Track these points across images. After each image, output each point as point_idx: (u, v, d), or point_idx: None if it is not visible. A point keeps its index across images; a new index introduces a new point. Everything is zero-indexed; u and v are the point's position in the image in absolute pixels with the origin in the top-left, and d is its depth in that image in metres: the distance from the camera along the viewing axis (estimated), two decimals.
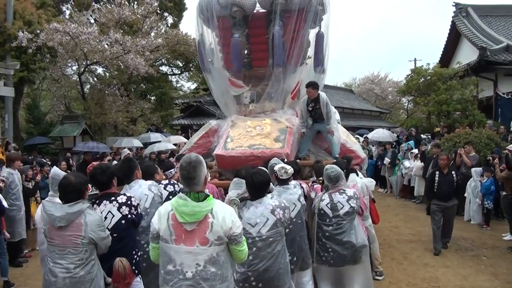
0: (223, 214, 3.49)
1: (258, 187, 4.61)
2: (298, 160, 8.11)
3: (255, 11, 9.51)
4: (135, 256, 4.54)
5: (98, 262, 4.16)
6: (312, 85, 8.62)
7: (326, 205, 5.62)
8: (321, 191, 5.96)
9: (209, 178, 4.64)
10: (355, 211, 5.73)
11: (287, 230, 5.05)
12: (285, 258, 4.66)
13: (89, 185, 4.57)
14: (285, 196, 5.29)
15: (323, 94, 8.72)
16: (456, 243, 9.51)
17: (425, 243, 9.77)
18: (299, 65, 9.39)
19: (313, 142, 9.23)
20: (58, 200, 4.36)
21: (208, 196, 3.57)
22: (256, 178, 4.60)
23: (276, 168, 5.56)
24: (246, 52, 9.82)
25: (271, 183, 5.10)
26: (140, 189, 5.02)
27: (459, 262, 8.37)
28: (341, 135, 9.38)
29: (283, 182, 5.55)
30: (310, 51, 9.86)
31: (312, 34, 9.65)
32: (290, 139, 8.35)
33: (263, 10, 9.49)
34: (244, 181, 5.00)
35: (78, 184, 4.07)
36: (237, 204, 4.35)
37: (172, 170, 6.34)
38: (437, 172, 9.32)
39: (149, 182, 5.20)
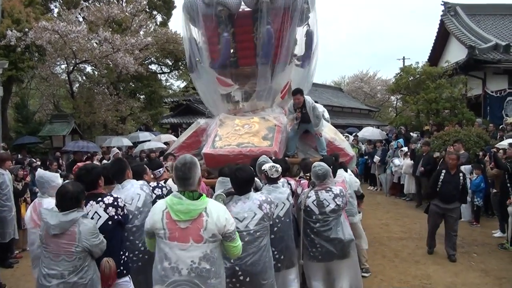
0: (217, 213, 3.59)
1: (242, 183, 4.64)
2: (286, 158, 8.12)
3: (240, 10, 9.43)
4: (123, 257, 4.53)
5: (95, 267, 4.15)
6: (300, 92, 8.61)
7: (313, 202, 5.64)
8: (308, 187, 5.97)
9: None
10: (340, 209, 5.77)
11: (275, 228, 5.14)
12: (269, 253, 4.71)
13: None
14: (274, 195, 5.26)
15: (308, 98, 8.66)
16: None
17: (416, 241, 9.82)
18: (288, 64, 9.35)
19: (301, 141, 9.18)
20: (47, 201, 4.33)
21: (202, 195, 3.66)
22: (240, 174, 4.64)
23: (266, 167, 5.52)
24: (232, 51, 9.72)
25: (258, 181, 5.25)
26: (133, 189, 4.97)
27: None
28: (329, 133, 9.37)
29: (273, 180, 5.51)
30: (298, 49, 9.82)
31: (300, 32, 9.63)
32: (278, 137, 8.34)
33: (249, 9, 9.41)
34: (228, 179, 5.02)
35: (75, 192, 4.06)
36: (222, 198, 4.38)
37: (160, 169, 6.31)
38: (443, 171, 8.83)
39: (141, 182, 5.16)
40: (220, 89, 9.74)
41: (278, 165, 5.57)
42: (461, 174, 8.79)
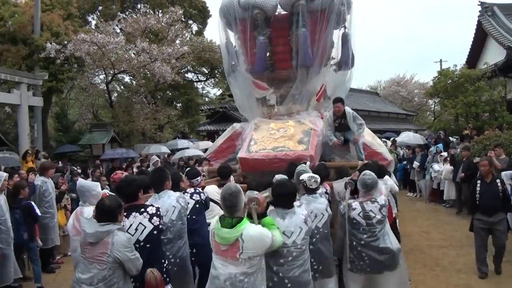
0: (254, 239, 3.88)
1: (286, 199, 4.63)
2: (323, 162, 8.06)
3: (276, 13, 9.49)
4: (164, 265, 4.61)
5: (126, 282, 4.21)
6: (341, 101, 8.60)
7: (359, 214, 5.45)
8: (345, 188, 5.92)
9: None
10: (386, 218, 5.69)
11: (313, 239, 5.12)
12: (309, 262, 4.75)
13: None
14: (314, 205, 5.26)
15: (348, 109, 8.65)
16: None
17: (457, 249, 9.59)
18: (323, 66, 9.34)
19: (338, 146, 9.05)
20: (88, 209, 4.45)
21: (241, 221, 3.93)
22: (282, 190, 4.65)
23: (304, 177, 5.44)
24: (268, 54, 9.76)
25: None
26: (169, 201, 5.03)
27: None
28: (367, 137, 9.27)
29: (311, 191, 5.45)
30: (334, 52, 9.83)
31: (336, 34, 9.62)
32: (314, 141, 8.25)
33: (285, 12, 9.46)
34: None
35: (113, 207, 4.15)
36: (256, 202, 4.33)
37: (198, 178, 6.31)
38: (479, 181, 7.98)
39: (177, 193, 5.20)
40: (255, 93, 9.81)
41: (317, 176, 5.49)
42: (498, 181, 7.92)
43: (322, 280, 5.33)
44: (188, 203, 5.44)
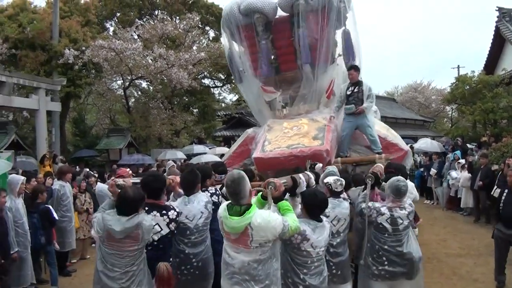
0: (262, 227, 3.76)
1: (317, 209, 4.58)
2: (339, 158, 8.10)
3: (277, 16, 9.49)
4: (171, 262, 4.75)
5: (145, 258, 4.37)
6: (354, 68, 8.70)
7: (386, 220, 5.28)
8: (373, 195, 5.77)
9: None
10: (410, 224, 5.62)
11: (334, 242, 5.10)
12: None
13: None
14: (339, 210, 5.22)
15: (366, 82, 8.77)
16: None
17: (474, 257, 9.48)
18: (329, 64, 9.29)
19: (353, 140, 9.01)
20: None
21: (249, 208, 3.83)
22: (318, 200, 4.60)
23: (330, 180, 5.40)
24: (273, 57, 9.76)
25: (312, 177, 5.33)
26: (198, 206, 5.04)
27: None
28: (382, 130, 9.21)
29: (336, 194, 5.41)
30: (340, 50, 9.69)
31: (340, 33, 9.52)
32: (329, 136, 8.11)
33: (285, 14, 9.45)
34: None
35: (135, 199, 4.21)
36: (273, 186, 4.27)
37: (223, 175, 6.21)
38: (505, 191, 7.59)
39: (207, 198, 5.21)
40: (264, 97, 9.80)
41: (342, 179, 5.46)
42: None
43: (338, 286, 5.25)
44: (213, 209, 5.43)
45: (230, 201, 3.98)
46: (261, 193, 4.35)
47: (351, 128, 8.81)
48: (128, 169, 9.00)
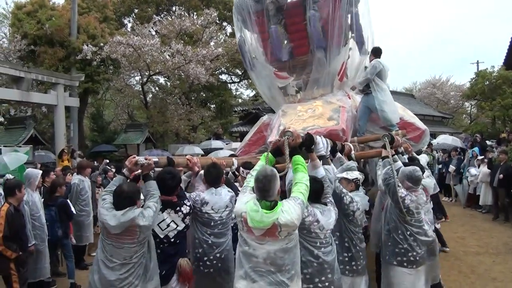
0: (288, 220, 3.67)
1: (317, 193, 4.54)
2: (356, 137, 8.13)
3: (289, 0, 9.48)
4: (194, 254, 4.88)
5: (150, 249, 4.37)
6: (372, 51, 9.00)
7: (411, 202, 5.34)
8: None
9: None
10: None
11: (357, 235, 5.20)
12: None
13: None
14: (364, 202, 5.33)
15: (374, 61, 8.82)
16: None
17: (493, 256, 9.40)
18: (342, 47, 9.20)
19: (369, 121, 9.01)
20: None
21: (277, 204, 3.75)
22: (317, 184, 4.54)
23: (359, 175, 5.47)
24: (286, 42, 9.73)
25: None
26: (225, 198, 5.13)
27: None
28: (398, 111, 9.12)
29: (358, 188, 5.49)
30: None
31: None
32: (344, 117, 8.03)
33: None
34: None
35: (130, 193, 4.24)
36: (290, 135, 4.38)
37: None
38: None
39: (231, 192, 5.28)
40: (277, 83, 9.79)
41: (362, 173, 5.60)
42: None
43: (356, 279, 5.21)
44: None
45: (255, 197, 3.86)
46: (269, 151, 4.42)
47: (363, 108, 8.88)
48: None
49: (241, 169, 6.13)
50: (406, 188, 5.40)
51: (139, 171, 4.58)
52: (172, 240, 4.58)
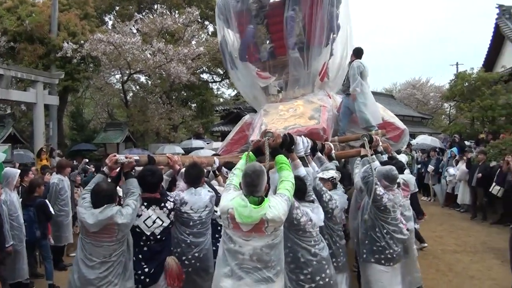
0: (275, 215, 3.71)
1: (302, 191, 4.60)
2: (337, 137, 8.22)
3: (271, 1, 9.57)
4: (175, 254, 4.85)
5: (129, 250, 4.39)
6: (353, 52, 9.04)
7: (388, 201, 5.42)
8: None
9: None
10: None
11: (338, 232, 5.30)
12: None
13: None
14: (343, 200, 5.50)
15: (355, 63, 8.85)
16: (502, 255, 9.18)
17: (471, 254, 9.53)
18: (323, 47, 9.28)
19: (352, 123, 9.13)
20: None
21: (264, 199, 3.79)
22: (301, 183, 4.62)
23: (335, 174, 5.57)
24: (268, 42, 9.83)
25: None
26: (205, 198, 5.15)
27: (505, 275, 7.80)
28: (379, 111, 9.26)
29: (336, 186, 5.59)
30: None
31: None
32: (325, 116, 8.13)
33: None
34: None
35: (109, 191, 4.30)
36: (270, 136, 4.45)
37: None
38: None
39: (211, 193, 5.30)
40: (259, 82, 9.84)
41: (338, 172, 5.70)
42: None
43: (337, 276, 5.18)
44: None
45: (241, 193, 3.87)
46: (250, 151, 4.44)
47: (345, 108, 9.01)
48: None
49: (224, 169, 6.14)
50: (383, 186, 5.48)
51: (119, 169, 4.59)
52: (159, 236, 4.58)
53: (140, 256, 4.52)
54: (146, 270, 4.49)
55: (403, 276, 5.68)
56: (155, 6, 27.19)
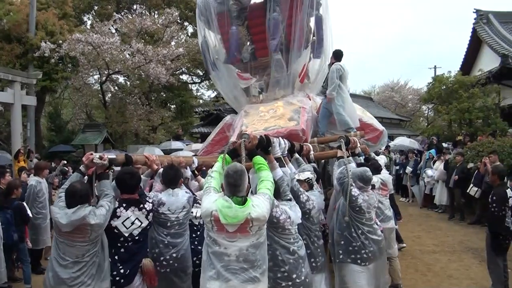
0: (259, 214, 3.83)
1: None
2: (316, 138, 8.25)
3: (252, 3, 9.63)
4: (151, 254, 4.91)
5: (104, 251, 4.43)
6: (333, 54, 9.11)
7: (363, 202, 5.53)
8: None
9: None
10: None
11: (316, 232, 5.37)
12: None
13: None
14: (320, 200, 5.50)
15: (334, 66, 8.94)
16: (479, 255, 9.34)
17: (448, 254, 9.67)
18: (303, 49, 9.37)
19: (332, 124, 9.14)
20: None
21: (247, 199, 3.89)
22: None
23: (310, 175, 5.59)
24: (248, 43, 9.92)
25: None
26: (182, 199, 5.19)
27: (483, 275, 8.01)
28: (357, 112, 9.34)
29: (312, 187, 5.61)
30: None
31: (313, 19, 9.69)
32: (304, 117, 8.29)
33: (260, 0, 9.60)
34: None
35: (84, 191, 4.33)
36: (246, 138, 4.56)
37: None
38: None
39: (189, 194, 5.35)
40: (240, 84, 9.93)
41: (314, 173, 5.73)
42: None
43: (315, 276, 5.24)
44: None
45: (223, 195, 3.95)
46: (226, 153, 4.49)
47: (324, 110, 9.05)
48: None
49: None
50: (358, 188, 5.57)
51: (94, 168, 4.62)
52: (137, 238, 4.60)
53: (116, 257, 4.52)
54: (122, 271, 4.50)
55: (377, 276, 5.74)
56: (134, 6, 27.00)
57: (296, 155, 6.15)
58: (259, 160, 4.36)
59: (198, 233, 5.64)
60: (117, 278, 4.48)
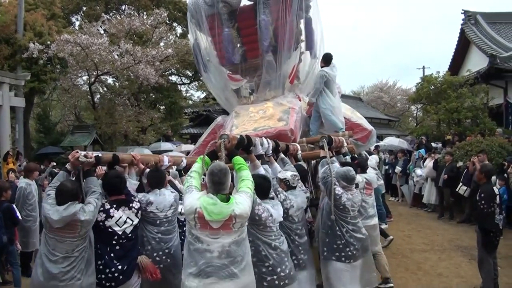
0: (243, 211, 3.95)
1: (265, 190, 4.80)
2: (305, 138, 8.34)
3: (242, 5, 9.71)
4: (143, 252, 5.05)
5: (91, 246, 4.54)
6: (323, 57, 9.26)
7: (347, 201, 5.64)
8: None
9: None
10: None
11: (301, 230, 5.42)
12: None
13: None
14: (300, 199, 5.44)
15: (320, 71, 9.10)
16: (469, 253, 9.41)
17: (438, 253, 9.72)
18: (293, 50, 9.44)
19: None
20: None
21: (230, 197, 3.99)
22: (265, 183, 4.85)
23: (288, 176, 5.55)
24: (239, 45, 10.03)
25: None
26: (169, 198, 5.31)
27: (473, 273, 8.08)
28: (346, 112, 9.53)
29: (293, 188, 5.57)
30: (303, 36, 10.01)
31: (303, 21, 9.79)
32: (293, 117, 8.39)
33: (250, 2, 9.68)
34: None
35: (74, 189, 4.44)
36: (225, 138, 4.68)
37: None
38: None
39: (175, 193, 5.47)
40: (231, 85, 10.01)
41: (298, 175, 5.69)
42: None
43: (298, 273, 5.21)
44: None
45: (206, 192, 4.02)
46: (205, 154, 4.51)
47: (314, 112, 9.18)
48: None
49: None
50: (341, 187, 5.68)
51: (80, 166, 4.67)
52: (129, 235, 4.73)
53: (112, 255, 4.60)
54: (120, 267, 4.58)
55: (361, 274, 5.82)
56: (123, 7, 26.96)
57: (282, 155, 6.16)
58: (238, 160, 4.46)
59: (184, 228, 5.68)
60: (116, 275, 4.55)
